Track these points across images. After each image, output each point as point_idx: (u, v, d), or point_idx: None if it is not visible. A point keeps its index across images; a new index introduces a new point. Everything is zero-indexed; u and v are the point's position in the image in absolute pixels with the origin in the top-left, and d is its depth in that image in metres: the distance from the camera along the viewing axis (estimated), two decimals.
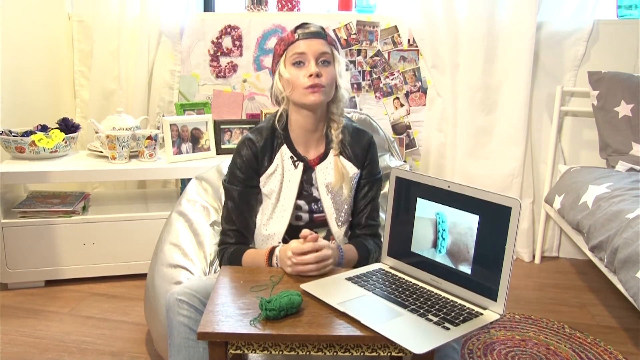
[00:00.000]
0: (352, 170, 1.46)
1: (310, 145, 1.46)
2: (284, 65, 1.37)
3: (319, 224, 1.46)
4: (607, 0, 2.62)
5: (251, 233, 1.47)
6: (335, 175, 1.43)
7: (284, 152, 1.44)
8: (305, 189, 1.45)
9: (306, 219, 1.45)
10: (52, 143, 2.34)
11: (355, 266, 1.38)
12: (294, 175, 1.43)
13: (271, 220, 1.42)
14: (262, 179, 1.43)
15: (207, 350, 1.18)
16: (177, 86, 2.81)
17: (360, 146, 1.46)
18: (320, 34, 1.38)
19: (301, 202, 1.44)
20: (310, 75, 1.33)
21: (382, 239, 1.43)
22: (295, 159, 1.44)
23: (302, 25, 1.38)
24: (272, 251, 1.35)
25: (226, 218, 1.46)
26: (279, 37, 1.43)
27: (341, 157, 1.45)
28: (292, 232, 1.43)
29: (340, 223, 1.44)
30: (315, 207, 1.45)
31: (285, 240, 1.44)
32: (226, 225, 1.46)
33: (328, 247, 1.27)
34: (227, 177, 1.46)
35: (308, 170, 1.45)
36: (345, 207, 1.44)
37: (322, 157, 1.46)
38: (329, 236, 1.46)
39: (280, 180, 1.43)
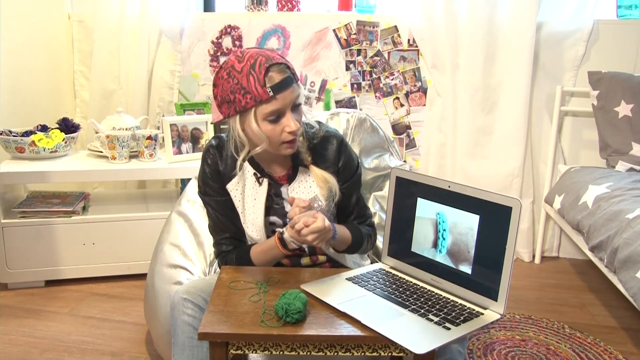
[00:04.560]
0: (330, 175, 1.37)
1: (275, 161, 1.37)
2: (254, 122, 1.21)
3: None
4: (607, 0, 2.62)
5: (243, 234, 1.39)
6: (318, 182, 1.35)
7: (247, 167, 1.36)
8: (277, 203, 1.37)
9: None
10: (52, 143, 2.34)
11: (350, 248, 1.34)
12: (260, 192, 1.34)
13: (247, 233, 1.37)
14: (228, 187, 1.36)
15: None
16: (177, 86, 2.81)
17: (331, 150, 1.37)
18: (290, 78, 1.21)
19: (273, 219, 1.37)
20: (291, 132, 1.23)
21: (375, 227, 1.42)
22: (259, 175, 1.35)
23: (269, 71, 1.18)
24: (281, 237, 1.27)
25: (215, 228, 1.40)
26: (234, 81, 1.20)
27: (316, 168, 1.36)
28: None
29: None
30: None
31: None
32: (217, 235, 1.40)
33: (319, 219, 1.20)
34: (201, 188, 1.39)
35: (275, 185, 1.37)
36: (328, 215, 1.35)
37: (292, 175, 1.37)
38: (315, 247, 1.39)
39: (241, 199, 1.35)
